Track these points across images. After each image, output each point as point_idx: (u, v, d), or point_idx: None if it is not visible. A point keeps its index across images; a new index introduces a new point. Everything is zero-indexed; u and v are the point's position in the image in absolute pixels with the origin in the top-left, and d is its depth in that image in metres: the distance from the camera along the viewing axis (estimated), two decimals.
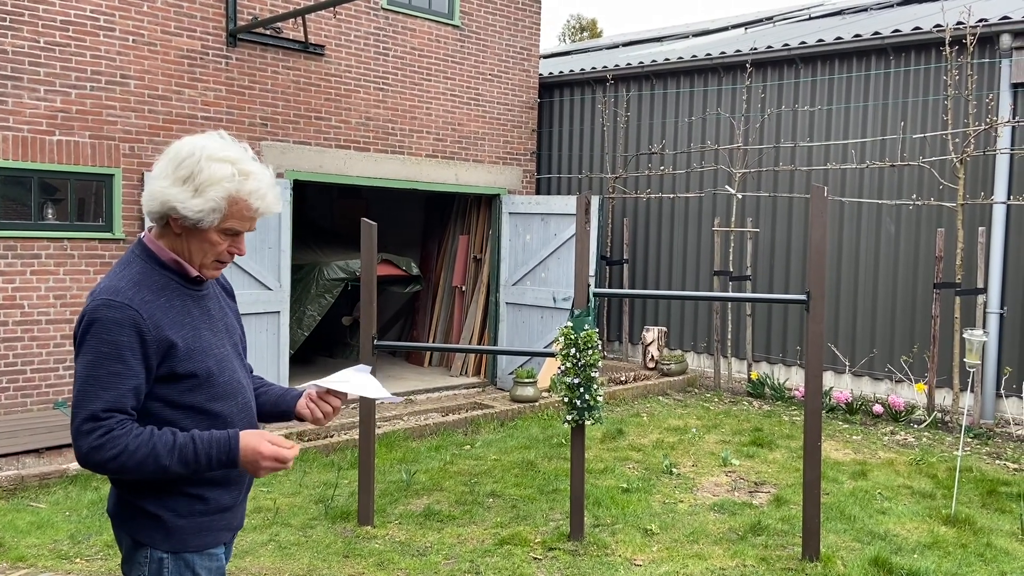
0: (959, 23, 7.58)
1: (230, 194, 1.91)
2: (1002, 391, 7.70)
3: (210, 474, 1.96)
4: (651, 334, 9.56)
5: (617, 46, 14.47)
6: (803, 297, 4.66)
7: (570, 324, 4.78)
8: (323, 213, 12.14)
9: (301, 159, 8.50)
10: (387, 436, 6.74)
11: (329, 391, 2.17)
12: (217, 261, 2.01)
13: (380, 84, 9.13)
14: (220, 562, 2.07)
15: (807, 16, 12.12)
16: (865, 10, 11.36)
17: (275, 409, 2.25)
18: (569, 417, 4.76)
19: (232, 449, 1.91)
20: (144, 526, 1.97)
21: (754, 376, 8.90)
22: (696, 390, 9.17)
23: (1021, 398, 7.60)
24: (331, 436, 6.72)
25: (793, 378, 9.06)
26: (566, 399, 4.75)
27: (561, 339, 4.77)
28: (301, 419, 2.22)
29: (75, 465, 5.87)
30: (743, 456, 6.56)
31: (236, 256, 2.05)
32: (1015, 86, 7.58)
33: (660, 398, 8.75)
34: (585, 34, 32.72)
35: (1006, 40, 7.53)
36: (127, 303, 1.87)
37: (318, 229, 10.99)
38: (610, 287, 10.42)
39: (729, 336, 9.29)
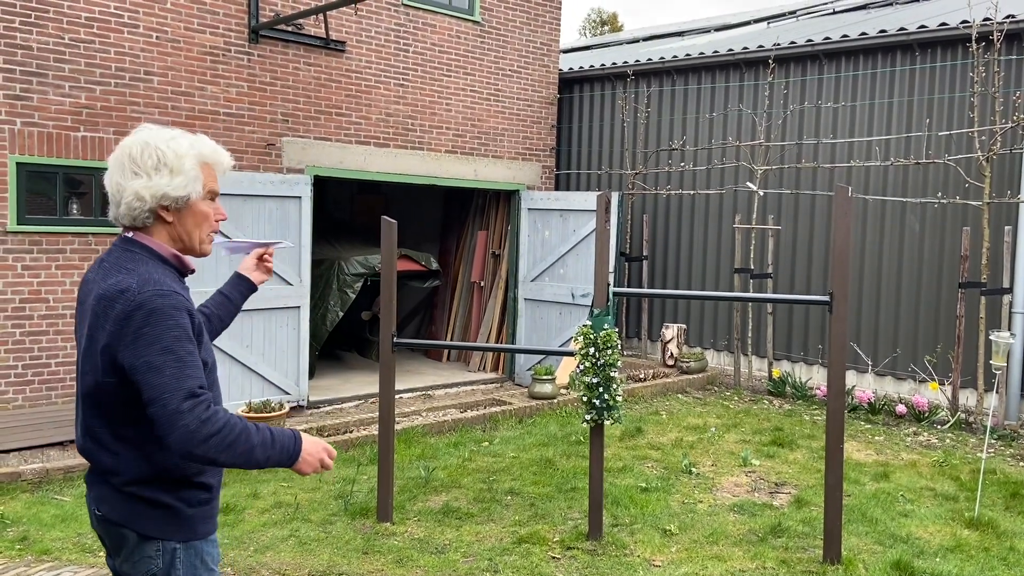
0: (986, 19, 7.46)
1: (199, 159, 2.03)
2: None
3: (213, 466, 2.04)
4: (670, 331, 9.52)
5: (638, 40, 14.39)
6: (826, 298, 4.62)
7: (589, 323, 4.77)
8: (342, 208, 12.18)
9: (321, 155, 8.53)
10: (406, 432, 6.77)
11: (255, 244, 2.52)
12: (212, 232, 2.11)
13: (400, 80, 9.14)
14: (218, 547, 2.16)
15: (831, 10, 11.98)
16: (891, 4, 11.22)
17: (237, 302, 2.48)
18: (588, 417, 4.75)
19: (297, 440, 2.01)
20: (155, 518, 1.98)
21: (776, 374, 8.84)
22: (716, 388, 9.12)
23: None
24: (351, 432, 6.76)
25: (815, 377, 8.98)
26: (585, 398, 4.74)
27: (580, 338, 4.76)
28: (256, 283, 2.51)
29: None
30: (763, 456, 6.52)
31: (221, 222, 2.16)
32: None
33: (679, 396, 8.72)
34: (606, 28, 32.57)
35: None
36: (174, 291, 1.93)
37: (337, 224, 11.03)
38: (629, 284, 10.38)
39: (750, 334, 9.23)
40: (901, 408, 7.74)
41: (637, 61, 10.45)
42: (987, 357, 7.07)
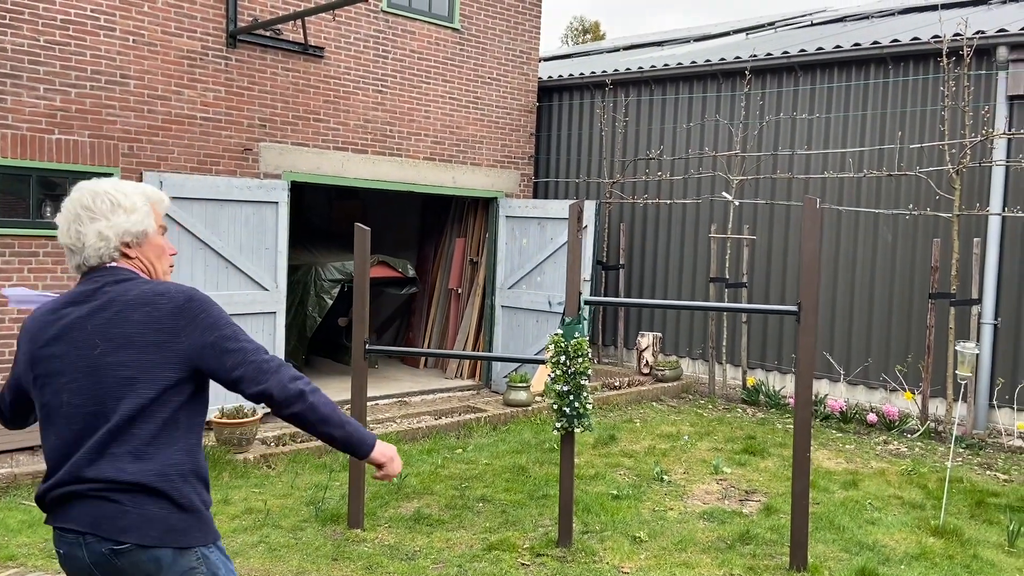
0: (956, 35, 7.60)
1: (146, 199, 2.16)
2: (995, 402, 7.71)
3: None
4: (646, 340, 9.57)
5: (619, 49, 14.48)
6: (794, 308, 4.67)
7: (560, 332, 4.80)
8: (321, 214, 12.16)
9: (299, 160, 8.52)
10: (380, 439, 6.74)
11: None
12: (170, 267, 2.25)
13: (379, 86, 9.15)
14: None
15: (809, 22, 12.14)
16: (867, 17, 11.38)
17: None
18: (559, 424, 4.77)
19: (374, 436, 2.19)
20: (187, 529, 1.98)
21: (750, 383, 8.92)
22: (690, 396, 9.18)
23: (1014, 408, 7.61)
24: None
25: (788, 386, 9.06)
26: (555, 406, 4.76)
27: (551, 347, 4.79)
28: None
29: None
30: (735, 464, 6.57)
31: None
32: (1011, 98, 7.59)
33: (654, 404, 8.77)
34: (588, 36, 32.74)
35: (1003, 52, 7.55)
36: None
37: (315, 230, 11.01)
38: (606, 292, 10.44)
39: (724, 343, 9.30)
40: (872, 417, 7.83)
41: (616, 70, 10.53)
42: (956, 367, 7.17)
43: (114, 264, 2.11)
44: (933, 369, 7.74)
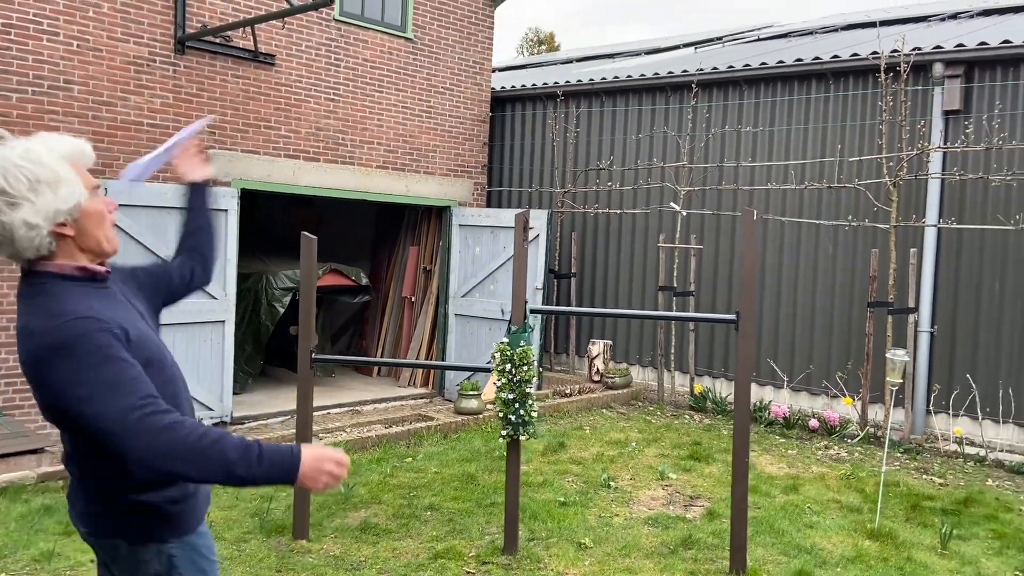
0: (894, 51, 7.86)
1: (64, 158, 1.88)
2: (932, 407, 7.97)
3: None
4: (597, 347, 9.68)
5: (572, 61, 14.65)
6: (733, 317, 4.79)
7: (506, 340, 4.85)
8: (276, 222, 12.05)
9: (250, 168, 8.46)
10: (331, 446, 6.71)
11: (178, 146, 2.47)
12: (113, 226, 2.00)
13: (331, 95, 9.13)
14: (211, 537, 2.14)
15: (756, 38, 12.42)
16: (811, 33, 11.68)
17: (204, 213, 2.51)
18: (504, 432, 4.82)
19: (295, 455, 1.81)
20: (144, 524, 1.96)
21: (697, 390, 9.07)
22: (640, 403, 9.31)
23: (949, 414, 7.87)
24: None
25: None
26: (501, 414, 4.81)
27: (497, 355, 4.84)
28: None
29: (5, 476, 5.76)
30: (680, 470, 6.69)
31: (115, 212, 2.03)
32: (947, 113, 7.87)
33: (604, 411, 8.87)
34: (543, 47, 33.03)
35: (938, 69, 7.82)
36: (78, 315, 1.79)
37: (269, 238, 10.92)
38: (559, 300, 10.53)
39: (672, 350, 9.45)
40: (814, 422, 8.03)
41: (567, 82, 10.66)
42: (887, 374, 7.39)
43: (30, 269, 1.88)
44: (872, 376, 7.97)
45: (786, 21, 13.69)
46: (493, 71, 12.17)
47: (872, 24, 10.58)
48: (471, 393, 8.01)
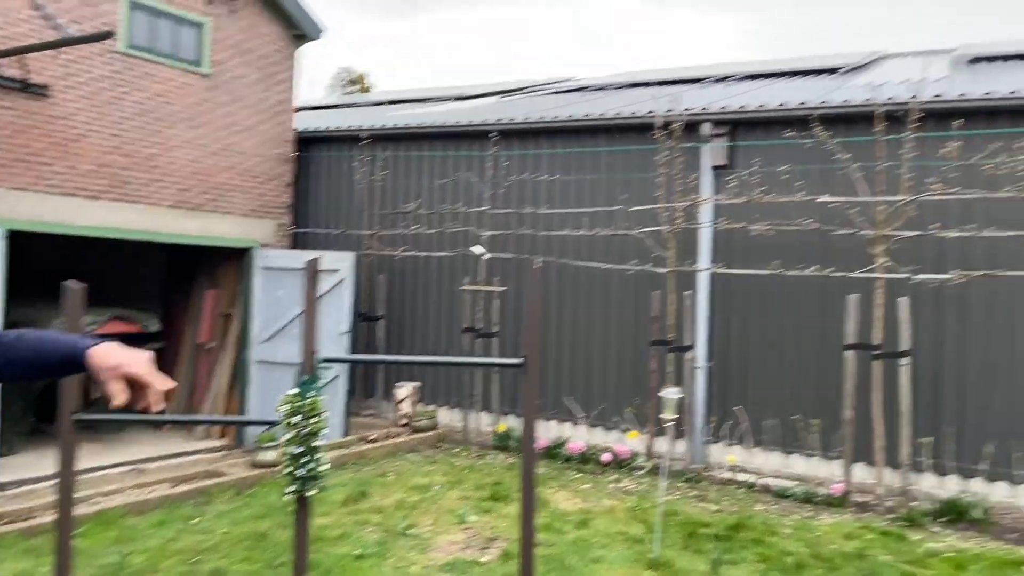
0: (669, 110, 8.59)
1: None
2: (709, 438, 8.64)
3: None
4: (404, 390, 9.66)
5: (382, 103, 14.73)
6: (519, 361, 4.98)
7: (295, 391, 4.74)
8: (57, 265, 11.05)
9: (18, 206, 7.75)
10: (103, 514, 6.21)
11: None
12: None
13: (116, 129, 8.59)
14: None
15: (554, 90, 13.12)
16: (603, 88, 12.51)
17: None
18: (291, 488, 4.68)
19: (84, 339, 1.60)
20: None
21: (500, 429, 9.28)
22: (446, 445, 9.37)
23: (725, 444, 8.57)
24: (34, 518, 6.07)
25: (538, 430, 9.54)
26: (287, 469, 4.68)
27: (285, 407, 4.71)
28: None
29: None
30: (481, 511, 6.79)
31: None
32: (715, 168, 8.68)
33: (409, 455, 8.84)
34: (355, 87, 32.94)
35: (707, 128, 8.64)
36: None
37: (46, 282, 9.99)
38: (368, 343, 10.43)
39: (476, 391, 9.62)
40: (607, 456, 8.45)
41: (373, 126, 10.71)
42: (658, 413, 7.95)
43: None
44: (656, 410, 8.52)
45: (583, 76, 14.60)
46: (300, 110, 11.98)
47: (655, 83, 11.51)
48: (268, 445, 7.72)
